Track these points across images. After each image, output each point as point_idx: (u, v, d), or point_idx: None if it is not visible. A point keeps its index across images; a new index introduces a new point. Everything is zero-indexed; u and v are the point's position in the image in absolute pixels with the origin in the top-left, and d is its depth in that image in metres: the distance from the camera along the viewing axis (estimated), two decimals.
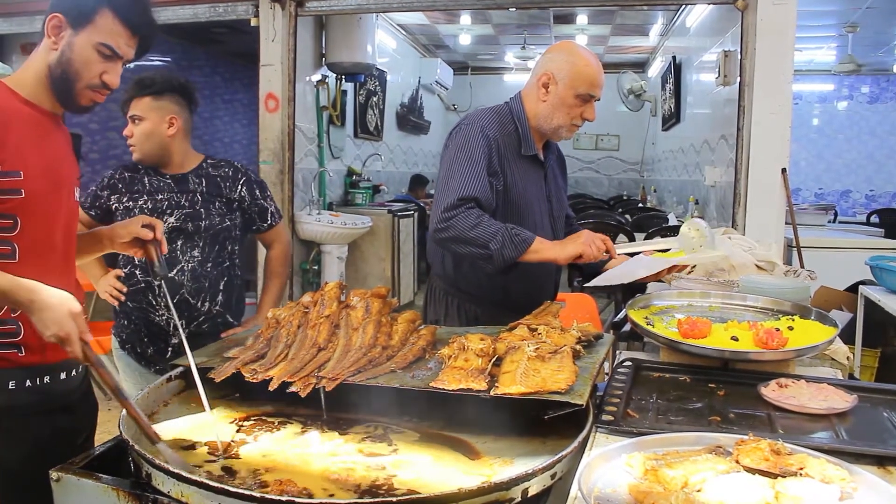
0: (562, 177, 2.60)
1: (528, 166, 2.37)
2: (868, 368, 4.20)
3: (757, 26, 4.41)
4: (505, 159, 2.30)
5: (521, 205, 2.33)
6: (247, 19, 5.23)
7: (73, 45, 1.69)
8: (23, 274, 1.65)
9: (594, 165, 12.12)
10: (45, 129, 1.75)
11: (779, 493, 1.15)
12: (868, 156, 11.21)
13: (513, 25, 9.12)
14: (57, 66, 1.70)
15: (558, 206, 2.49)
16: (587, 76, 2.31)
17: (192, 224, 2.49)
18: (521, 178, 2.33)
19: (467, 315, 2.43)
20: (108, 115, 7.29)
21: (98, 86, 1.73)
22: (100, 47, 1.69)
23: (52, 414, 1.76)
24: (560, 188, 2.54)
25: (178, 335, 2.50)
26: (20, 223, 1.67)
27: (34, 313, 1.49)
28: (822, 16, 7.55)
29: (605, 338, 1.94)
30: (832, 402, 1.60)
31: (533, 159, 2.38)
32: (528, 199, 2.35)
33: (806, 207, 6.75)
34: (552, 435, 1.52)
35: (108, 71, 1.73)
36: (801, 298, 2.35)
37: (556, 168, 2.55)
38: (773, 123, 4.44)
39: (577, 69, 2.30)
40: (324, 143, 6.30)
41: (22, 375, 1.69)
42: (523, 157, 2.35)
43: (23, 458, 1.68)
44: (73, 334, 1.47)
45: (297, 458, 1.45)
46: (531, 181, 2.37)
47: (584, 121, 2.35)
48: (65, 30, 1.69)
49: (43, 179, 1.70)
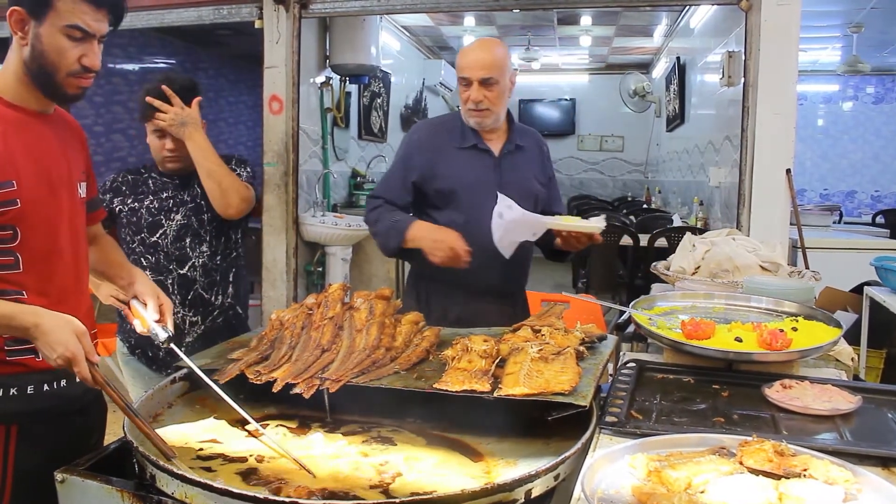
0: (538, 167, 2.65)
1: (468, 157, 2.52)
2: (873, 369, 4.19)
3: (761, 27, 4.39)
4: (439, 153, 2.53)
5: (457, 192, 2.50)
6: (251, 21, 5.23)
7: (41, 35, 1.61)
8: (30, 281, 1.65)
9: (598, 167, 12.12)
10: (34, 130, 1.70)
11: (782, 494, 1.15)
12: (873, 156, 11.17)
13: (517, 27, 9.12)
14: (31, 61, 1.63)
15: (519, 194, 2.48)
16: (459, 62, 2.48)
17: (196, 218, 2.51)
18: (460, 169, 2.51)
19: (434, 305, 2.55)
20: (113, 117, 7.32)
21: (79, 71, 1.66)
22: (68, 30, 1.61)
23: (68, 416, 1.76)
24: (527, 178, 2.59)
25: (192, 334, 2.51)
26: (20, 233, 1.64)
27: (38, 337, 1.48)
28: (826, 16, 7.53)
29: (608, 339, 1.95)
30: (836, 404, 1.60)
31: (473, 149, 2.52)
32: (466, 186, 2.50)
33: (811, 208, 6.72)
34: (555, 436, 1.52)
35: (87, 53, 1.65)
36: (806, 299, 2.34)
37: (526, 159, 2.60)
38: (778, 124, 4.42)
39: (457, 59, 2.51)
40: (328, 144, 6.30)
41: (39, 380, 1.69)
42: (463, 149, 2.52)
43: (40, 461, 1.67)
44: (80, 355, 1.46)
45: (302, 460, 1.46)
46: (472, 170, 2.52)
47: (474, 104, 2.45)
48: (28, 22, 1.62)
49: (38, 185, 1.66)
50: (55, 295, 1.71)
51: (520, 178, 2.56)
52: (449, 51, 10.73)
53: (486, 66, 2.42)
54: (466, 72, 2.44)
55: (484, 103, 2.44)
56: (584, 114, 12.11)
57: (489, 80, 2.42)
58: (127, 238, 2.53)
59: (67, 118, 1.88)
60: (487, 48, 2.47)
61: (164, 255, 2.49)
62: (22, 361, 1.66)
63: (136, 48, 7.84)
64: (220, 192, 2.45)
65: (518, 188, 2.50)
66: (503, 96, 2.48)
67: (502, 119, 2.55)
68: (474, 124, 2.50)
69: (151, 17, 5.32)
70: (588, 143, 12.08)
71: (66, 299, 1.73)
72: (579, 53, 10.85)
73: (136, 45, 7.82)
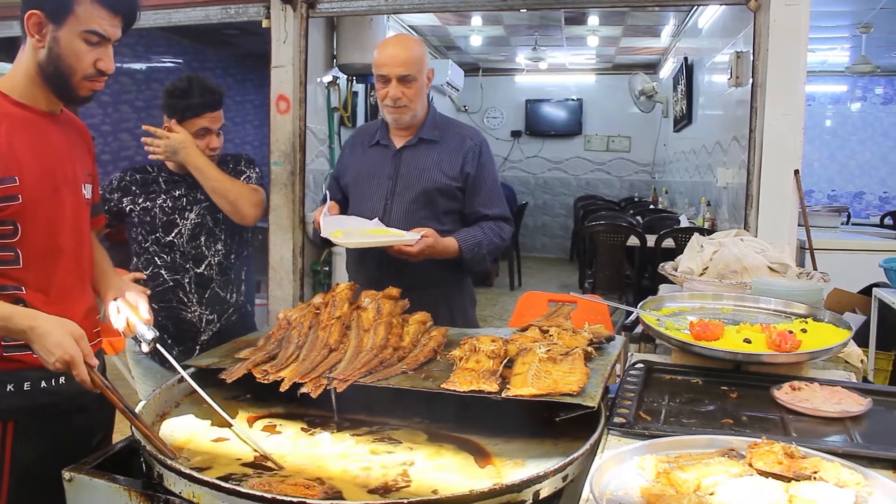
0: (449, 162, 2.56)
1: (372, 153, 2.63)
2: (882, 372, 4.17)
3: (770, 27, 4.37)
4: (355, 150, 2.69)
5: (351, 185, 2.64)
6: (258, 21, 5.23)
7: (59, 39, 1.65)
8: (29, 278, 1.66)
9: (605, 167, 12.09)
10: (41, 129, 1.72)
11: (793, 496, 1.14)
12: (882, 157, 11.11)
13: (524, 27, 9.11)
14: (48, 63, 1.67)
15: (414, 185, 2.53)
16: (374, 60, 2.51)
17: (211, 217, 2.52)
18: (364, 164, 2.63)
19: None
20: (121, 116, 7.33)
21: (94, 75, 1.70)
22: (86, 35, 1.65)
23: (67, 414, 1.76)
24: (426, 170, 2.55)
25: (208, 332, 2.52)
26: (21, 229, 1.65)
27: (35, 341, 1.48)
28: (835, 16, 7.50)
29: (616, 340, 1.94)
30: (846, 406, 1.59)
31: (377, 145, 2.63)
32: (362, 179, 2.61)
33: (819, 209, 6.69)
34: (564, 437, 1.51)
35: (102, 57, 1.69)
36: (815, 301, 2.33)
37: (433, 152, 2.57)
38: (786, 125, 4.40)
39: (373, 58, 2.52)
40: (335, 144, 6.30)
41: (37, 376, 1.70)
42: (371, 146, 2.64)
43: (38, 457, 1.68)
44: (78, 357, 1.47)
45: (309, 460, 1.45)
46: (369, 164, 2.61)
47: (392, 101, 2.48)
48: (46, 26, 1.65)
49: (41, 183, 1.68)
50: (55, 293, 1.71)
51: (417, 170, 2.55)
52: (456, 50, 10.73)
53: (404, 62, 2.44)
54: (385, 69, 2.46)
55: (402, 100, 2.47)
56: (591, 114, 12.08)
57: (407, 77, 2.45)
58: (139, 238, 2.52)
59: (75, 120, 1.89)
60: (405, 45, 2.49)
61: (181, 255, 2.49)
62: (18, 357, 1.67)
63: (143, 47, 7.85)
64: (229, 204, 2.48)
65: (414, 179, 2.53)
66: (421, 93, 2.51)
67: (420, 115, 2.56)
68: (392, 121, 2.54)
69: (159, 16, 5.33)
70: (595, 144, 12.05)
71: (66, 298, 1.74)
72: (586, 53, 10.83)
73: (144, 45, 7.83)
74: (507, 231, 2.62)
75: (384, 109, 2.53)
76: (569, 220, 11.81)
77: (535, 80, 12.19)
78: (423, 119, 2.59)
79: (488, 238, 2.53)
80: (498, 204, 2.62)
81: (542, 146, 12.24)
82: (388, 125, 2.61)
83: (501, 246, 2.64)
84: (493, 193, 2.62)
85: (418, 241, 2.30)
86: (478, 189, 2.58)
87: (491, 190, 2.61)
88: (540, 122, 12.20)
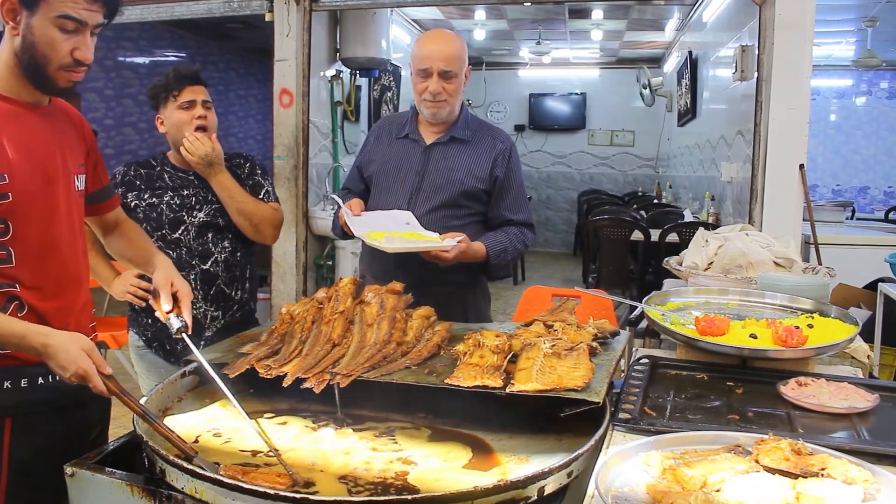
0: (478, 163, 2.54)
1: (400, 146, 2.58)
2: (888, 367, 4.15)
3: (775, 21, 4.35)
4: (381, 141, 2.62)
5: (377, 177, 2.58)
6: (261, 14, 5.23)
7: (32, 26, 1.56)
8: (23, 276, 1.63)
9: (609, 161, 12.07)
10: (27, 122, 1.66)
11: (800, 493, 1.13)
12: (887, 152, 11.07)
13: (528, 20, 9.09)
14: (23, 52, 1.58)
15: (441, 184, 2.50)
16: (416, 53, 2.47)
17: (222, 219, 2.51)
18: (391, 156, 2.57)
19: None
20: (124, 110, 7.33)
21: (71, 65, 1.61)
22: (60, 21, 1.56)
23: (64, 410, 1.75)
24: (455, 170, 2.52)
25: (212, 328, 2.51)
26: (13, 227, 1.61)
27: (50, 358, 1.48)
28: (841, 10, 7.46)
29: (621, 335, 1.93)
30: (853, 402, 1.58)
31: (405, 139, 2.58)
32: (388, 172, 2.56)
33: (823, 204, 6.66)
34: (568, 433, 1.50)
35: (79, 46, 1.60)
36: (821, 296, 2.32)
37: (463, 152, 2.54)
38: (791, 119, 4.39)
39: (413, 51, 2.49)
40: (338, 138, 6.30)
41: (33, 372, 1.68)
42: (398, 138, 2.59)
43: (36, 454, 1.67)
44: (91, 370, 1.46)
45: (312, 455, 1.45)
46: (396, 158, 2.56)
47: (432, 95, 2.43)
48: (19, 12, 1.56)
49: (31, 178, 1.63)
50: (50, 289, 1.69)
51: (446, 169, 2.53)
52: None
53: (448, 58, 2.41)
54: (427, 62, 2.42)
55: (442, 94, 2.44)
56: (595, 108, 12.06)
57: (449, 73, 2.42)
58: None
59: (68, 109, 1.83)
60: (449, 41, 2.46)
61: (187, 251, 2.48)
62: (15, 354, 1.64)
63: (146, 41, 7.85)
64: (252, 227, 2.51)
65: (441, 177, 2.50)
66: (459, 90, 2.49)
67: (456, 112, 2.54)
68: (429, 115, 2.50)
69: (161, 9, 5.32)
70: (598, 138, 12.03)
71: (61, 293, 1.72)
72: (590, 48, 10.81)
73: (147, 39, 7.83)
74: (530, 238, 2.63)
75: (422, 104, 2.48)
76: (572, 215, 11.80)
77: (539, 75, 12.16)
78: (456, 117, 2.56)
79: (513, 245, 2.54)
80: (523, 209, 2.62)
81: (546, 140, 12.22)
82: (418, 119, 2.57)
83: (523, 252, 2.67)
84: (520, 198, 2.62)
85: (454, 247, 2.29)
86: (505, 193, 2.58)
87: (518, 195, 2.61)
88: (543, 116, 12.18)
